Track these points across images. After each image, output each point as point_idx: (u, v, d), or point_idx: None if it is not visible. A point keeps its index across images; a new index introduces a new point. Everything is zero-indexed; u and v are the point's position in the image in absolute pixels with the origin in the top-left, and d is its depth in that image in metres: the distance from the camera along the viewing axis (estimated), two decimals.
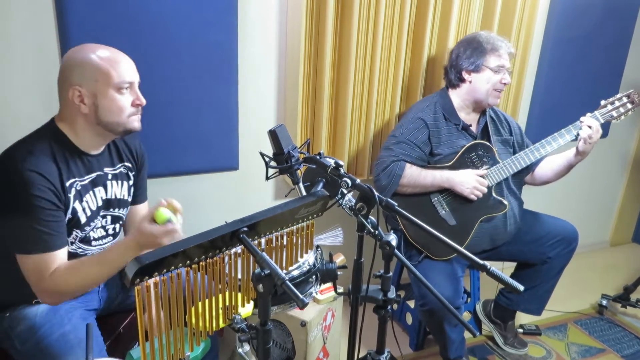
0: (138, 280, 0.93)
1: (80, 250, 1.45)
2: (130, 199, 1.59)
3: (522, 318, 2.54)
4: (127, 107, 1.37)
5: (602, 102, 2.09)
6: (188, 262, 1.00)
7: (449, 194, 2.08)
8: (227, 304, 1.18)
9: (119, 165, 1.53)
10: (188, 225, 1.48)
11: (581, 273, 2.98)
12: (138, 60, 1.90)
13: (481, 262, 1.17)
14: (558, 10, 2.60)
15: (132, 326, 1.64)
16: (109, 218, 1.51)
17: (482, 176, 2.05)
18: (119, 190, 1.52)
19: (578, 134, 2.02)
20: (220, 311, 1.17)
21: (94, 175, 1.43)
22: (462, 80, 2.09)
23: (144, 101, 1.40)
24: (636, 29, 2.93)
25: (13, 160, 1.28)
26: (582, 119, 2.03)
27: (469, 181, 2.01)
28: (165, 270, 0.97)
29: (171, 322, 1.05)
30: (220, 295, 1.15)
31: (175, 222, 1.27)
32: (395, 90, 2.31)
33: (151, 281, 0.98)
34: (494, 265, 1.19)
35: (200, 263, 1.05)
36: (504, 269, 2.18)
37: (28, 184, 1.25)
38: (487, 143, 2.11)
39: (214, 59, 1.98)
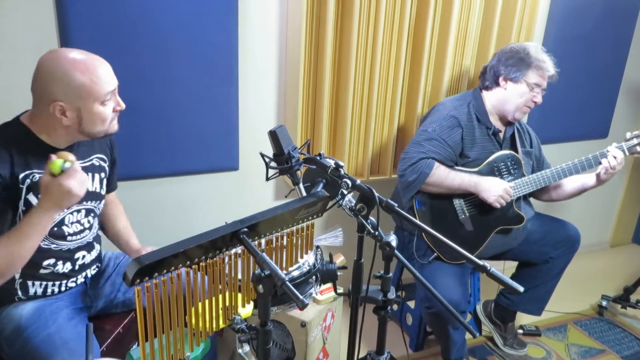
0: (138, 280, 0.93)
1: (55, 245, 1.43)
2: (104, 192, 1.57)
3: (522, 318, 2.54)
4: (109, 115, 1.38)
5: (628, 135, 2.05)
6: (188, 262, 1.00)
7: (472, 200, 2.05)
8: (227, 304, 1.17)
9: (92, 156, 1.51)
10: (188, 226, 1.48)
11: (581, 274, 2.97)
12: (138, 60, 1.90)
13: (481, 262, 1.17)
14: (558, 11, 2.60)
15: (132, 326, 1.64)
16: (82, 211, 1.48)
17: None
18: (91, 183, 1.49)
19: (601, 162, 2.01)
20: (220, 312, 1.17)
21: None
22: (497, 84, 2.06)
23: (123, 106, 1.41)
24: (636, 29, 2.93)
25: None
26: (608, 148, 2.02)
27: (497, 189, 1.97)
28: (165, 270, 0.97)
29: (171, 322, 1.05)
30: (220, 296, 1.15)
31: (70, 165, 1.27)
32: (396, 91, 2.31)
33: (151, 281, 0.98)
34: (494, 265, 1.19)
35: (201, 263, 1.05)
36: (505, 269, 2.19)
37: None
38: (517, 155, 2.09)
39: (214, 59, 1.98)
